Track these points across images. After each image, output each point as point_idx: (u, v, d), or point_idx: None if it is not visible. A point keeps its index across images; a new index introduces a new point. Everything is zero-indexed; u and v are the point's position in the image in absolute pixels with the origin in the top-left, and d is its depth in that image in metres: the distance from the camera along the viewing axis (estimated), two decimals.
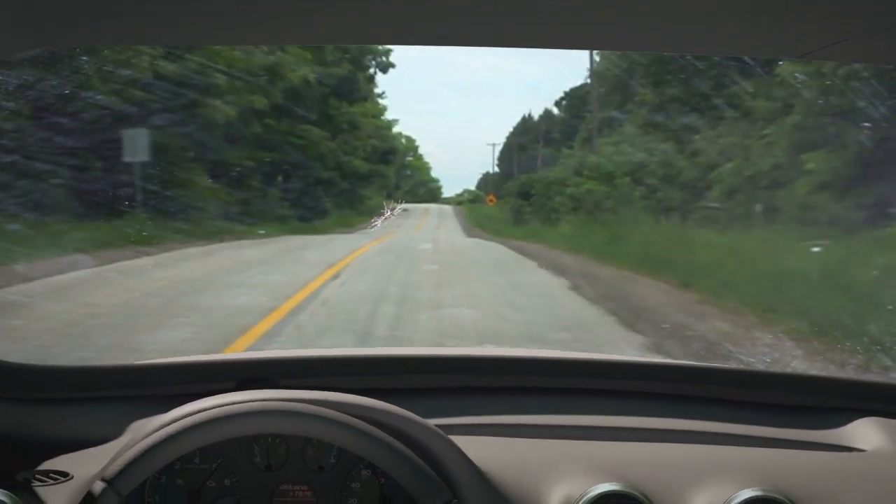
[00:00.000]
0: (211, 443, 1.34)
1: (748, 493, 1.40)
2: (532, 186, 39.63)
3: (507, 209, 43.97)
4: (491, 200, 48.35)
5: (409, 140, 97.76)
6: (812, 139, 16.07)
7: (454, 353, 1.87)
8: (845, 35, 1.20)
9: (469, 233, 34.85)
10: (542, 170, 43.50)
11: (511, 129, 74.74)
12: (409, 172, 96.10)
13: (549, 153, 46.42)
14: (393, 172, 64.70)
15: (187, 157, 21.22)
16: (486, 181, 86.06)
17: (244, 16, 1.21)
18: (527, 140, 54.60)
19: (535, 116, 62.48)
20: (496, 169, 77.09)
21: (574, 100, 47.73)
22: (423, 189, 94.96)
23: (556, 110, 56.40)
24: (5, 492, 1.34)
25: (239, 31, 1.34)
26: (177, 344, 7.08)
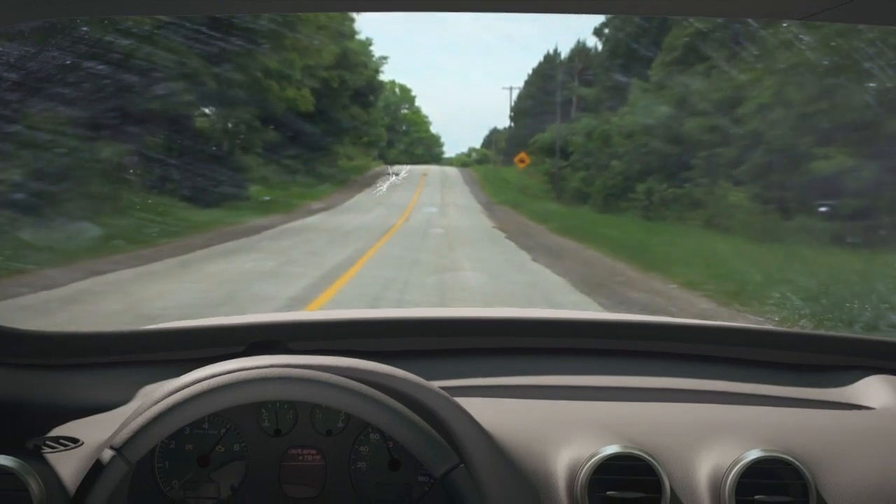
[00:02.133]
0: (219, 409, 1.35)
1: (756, 454, 1.40)
2: (570, 142, 29.15)
3: (541, 174, 33.88)
4: (522, 161, 35.18)
5: (404, 90, 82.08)
6: None
7: (461, 314, 1.88)
8: None
9: (494, 217, 23.00)
10: (582, 118, 30.42)
11: (530, 72, 60.19)
12: (404, 128, 79.76)
13: (592, 95, 32.24)
14: (379, 121, 50.95)
15: None
16: (493, 138, 70.77)
17: None
18: (553, 85, 40.34)
19: (563, 53, 47.02)
20: (510, 123, 61.51)
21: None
22: (422, 148, 79.28)
23: (593, 42, 41.92)
24: (15, 458, 1.35)
25: None
26: None
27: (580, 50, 39.04)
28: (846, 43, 13.54)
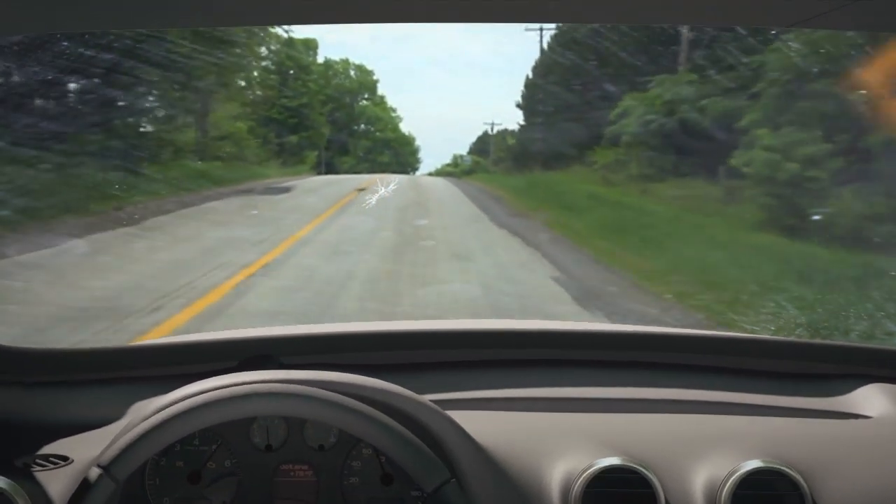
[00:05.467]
0: (209, 425, 1.34)
1: (752, 464, 1.40)
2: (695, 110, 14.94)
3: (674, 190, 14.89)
4: None
5: (363, 72, 56.87)
6: None
7: (453, 326, 1.87)
8: (843, 1, 1.18)
9: None
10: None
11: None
12: (362, 126, 54.82)
13: None
14: (315, 106, 35.62)
15: None
16: (486, 143, 46.96)
17: None
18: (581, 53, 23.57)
19: None
20: (519, 105, 34.52)
21: None
22: (389, 153, 54.18)
23: None
24: (3, 478, 1.34)
25: (228, 11, 1.33)
26: None
27: None
28: None
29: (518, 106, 33.46)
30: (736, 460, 1.42)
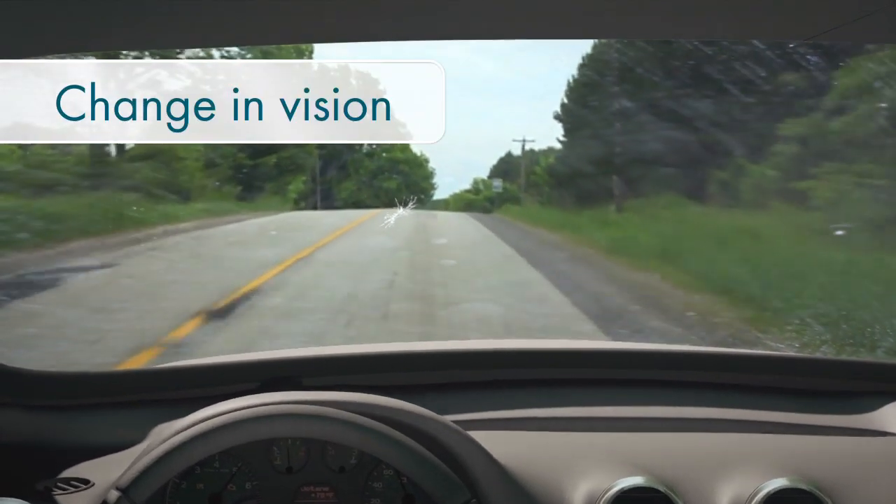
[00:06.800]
0: (228, 448, 1.34)
1: (777, 483, 1.38)
2: None
3: None
4: None
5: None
6: None
7: (475, 346, 1.86)
8: (860, 13, 1.18)
9: None
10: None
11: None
12: (365, 146, 40.83)
13: None
14: None
15: None
16: (510, 163, 38.67)
17: (243, 16, 1.20)
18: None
19: None
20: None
21: None
22: (396, 179, 43.60)
23: None
24: (25, 502, 1.34)
25: (238, 32, 1.34)
26: None
27: None
28: None
29: (556, 118, 25.90)
30: (760, 479, 1.41)
